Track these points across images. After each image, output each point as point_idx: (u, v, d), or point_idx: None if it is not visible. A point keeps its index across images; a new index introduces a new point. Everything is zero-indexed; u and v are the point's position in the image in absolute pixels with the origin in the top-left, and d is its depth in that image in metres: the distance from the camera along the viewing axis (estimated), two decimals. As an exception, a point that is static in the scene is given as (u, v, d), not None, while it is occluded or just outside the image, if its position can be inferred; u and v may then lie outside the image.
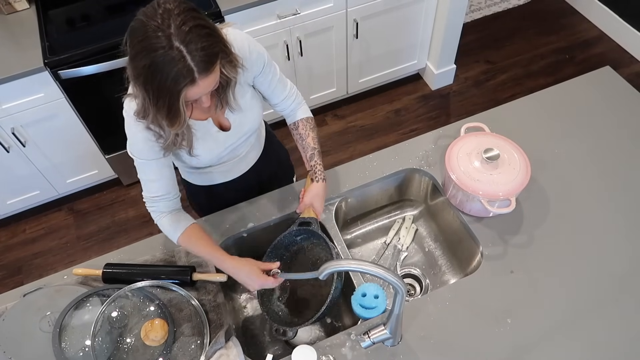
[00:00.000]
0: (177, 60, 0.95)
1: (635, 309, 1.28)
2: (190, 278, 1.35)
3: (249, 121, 1.33)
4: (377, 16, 2.49)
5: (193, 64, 0.96)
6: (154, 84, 0.99)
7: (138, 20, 0.97)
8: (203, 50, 0.97)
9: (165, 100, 1.01)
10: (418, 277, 1.59)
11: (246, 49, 1.21)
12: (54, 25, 2.15)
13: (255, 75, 1.28)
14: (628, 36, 3.07)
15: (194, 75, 0.98)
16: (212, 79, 1.03)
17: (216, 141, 1.30)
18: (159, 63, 0.95)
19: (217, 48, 1.01)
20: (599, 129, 1.63)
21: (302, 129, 1.40)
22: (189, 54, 0.96)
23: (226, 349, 1.25)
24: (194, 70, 0.97)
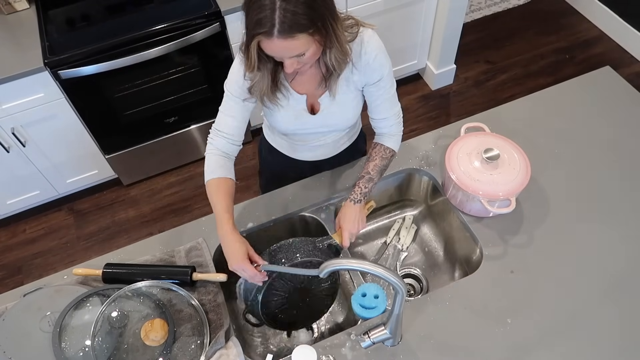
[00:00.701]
0: (266, 9, 0.99)
1: (635, 309, 1.28)
2: (190, 278, 1.35)
3: (338, 118, 1.36)
4: (377, 16, 2.49)
5: (277, 20, 0.99)
6: (246, 19, 1.05)
7: None
8: (293, 14, 0.99)
9: (247, 38, 1.07)
10: (418, 277, 1.59)
11: (372, 55, 1.23)
12: (54, 25, 2.15)
13: (367, 83, 1.29)
14: (628, 36, 3.07)
15: (272, 30, 1.00)
16: (293, 45, 1.04)
17: (298, 117, 1.33)
18: (254, 3, 1.01)
19: (309, 19, 1.02)
20: (599, 129, 1.63)
21: (375, 152, 1.40)
22: (279, 8, 0.98)
23: (226, 349, 1.25)
24: (275, 26, 1.00)
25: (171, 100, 2.40)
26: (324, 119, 1.35)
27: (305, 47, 1.06)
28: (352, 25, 1.21)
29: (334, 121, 1.37)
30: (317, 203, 1.53)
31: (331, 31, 1.08)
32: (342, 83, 1.27)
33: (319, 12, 1.04)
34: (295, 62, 1.10)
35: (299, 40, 1.03)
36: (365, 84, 1.30)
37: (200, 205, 2.64)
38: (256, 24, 1.01)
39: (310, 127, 1.37)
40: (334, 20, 1.09)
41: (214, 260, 1.44)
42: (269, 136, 1.59)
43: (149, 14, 2.17)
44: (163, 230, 1.52)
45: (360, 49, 1.22)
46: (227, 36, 2.22)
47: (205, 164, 1.30)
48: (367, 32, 1.23)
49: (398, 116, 1.40)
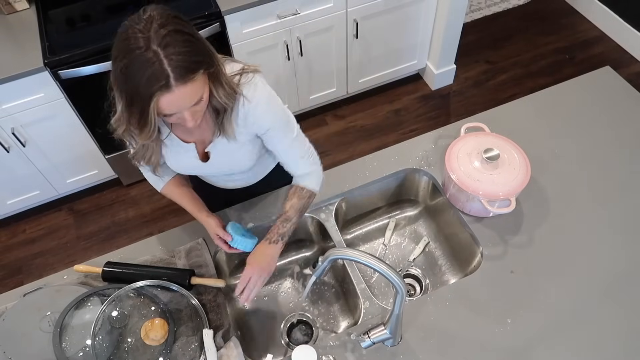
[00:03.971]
0: (153, 62, 0.91)
1: (635, 309, 1.28)
2: (188, 282, 1.35)
3: (231, 164, 1.30)
4: (377, 16, 2.49)
5: (169, 69, 0.92)
6: (129, 85, 0.95)
7: (123, 25, 0.96)
8: (181, 55, 0.92)
9: (138, 104, 0.97)
10: (418, 277, 1.59)
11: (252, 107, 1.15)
12: (54, 25, 2.15)
13: (257, 133, 1.23)
14: (628, 36, 3.07)
15: (169, 81, 0.93)
16: (191, 89, 0.97)
17: (191, 164, 1.28)
18: (134, 64, 0.92)
19: (198, 57, 0.96)
20: (599, 129, 1.63)
21: (292, 192, 1.32)
22: (166, 57, 0.91)
23: (226, 349, 1.25)
24: (170, 76, 0.92)
25: (171, 100, 2.40)
26: (216, 166, 1.29)
27: (203, 87, 1.00)
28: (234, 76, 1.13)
29: (226, 168, 1.31)
30: (317, 203, 1.53)
31: (217, 64, 1.03)
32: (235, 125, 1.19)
33: (203, 47, 0.99)
34: (195, 111, 1.03)
35: (197, 82, 0.97)
36: (257, 134, 1.23)
37: (200, 205, 2.64)
38: (148, 83, 0.92)
39: (208, 172, 1.33)
40: (214, 53, 1.04)
41: (213, 260, 1.44)
42: None
43: (149, 14, 2.17)
44: (163, 230, 1.52)
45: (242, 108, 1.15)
46: (227, 36, 2.22)
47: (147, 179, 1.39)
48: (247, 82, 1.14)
49: (308, 156, 1.31)
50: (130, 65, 0.93)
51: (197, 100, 1.01)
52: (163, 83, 0.93)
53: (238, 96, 1.13)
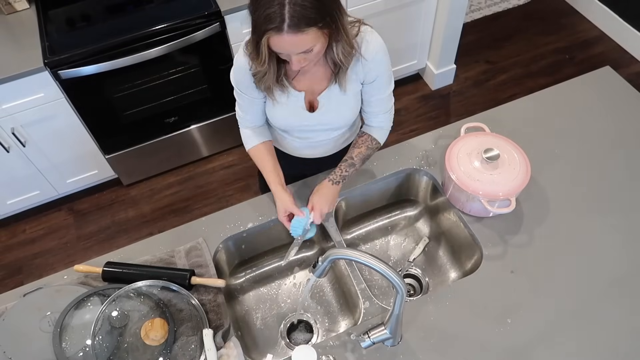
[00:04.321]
0: (275, 4, 0.99)
1: (635, 309, 1.28)
2: (188, 282, 1.35)
3: (335, 117, 1.36)
4: (377, 16, 2.49)
5: (287, 15, 0.99)
6: (254, 15, 1.05)
7: None
8: (303, 7, 0.99)
9: (255, 34, 1.07)
10: (418, 277, 1.59)
11: (372, 53, 1.23)
12: (54, 25, 2.15)
13: (365, 81, 1.30)
14: (628, 36, 3.07)
15: (282, 25, 1.00)
16: (302, 40, 1.04)
17: (295, 114, 1.34)
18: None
19: (319, 14, 1.02)
20: (599, 129, 1.63)
21: (362, 140, 1.41)
22: (289, 4, 0.99)
23: (226, 349, 1.25)
24: (284, 21, 1.00)
25: (171, 100, 2.40)
26: (322, 116, 1.35)
27: (314, 42, 1.06)
28: (354, 22, 1.22)
29: (331, 119, 1.37)
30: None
31: (339, 24, 1.10)
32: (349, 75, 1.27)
33: (327, 5, 1.05)
34: (303, 59, 1.10)
35: (308, 35, 1.04)
36: (363, 82, 1.30)
37: (200, 205, 2.64)
38: (265, 20, 1.01)
39: (308, 124, 1.37)
40: (341, 13, 1.10)
41: (213, 260, 1.44)
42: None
43: (149, 14, 2.17)
44: (163, 230, 1.52)
45: (361, 47, 1.22)
46: (227, 36, 2.22)
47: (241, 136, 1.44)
48: (368, 30, 1.24)
49: (390, 112, 1.40)
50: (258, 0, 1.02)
51: (306, 50, 1.08)
52: (276, 25, 1.01)
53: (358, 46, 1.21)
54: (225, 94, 2.49)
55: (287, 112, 1.34)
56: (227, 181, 2.71)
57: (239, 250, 1.55)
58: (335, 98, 1.31)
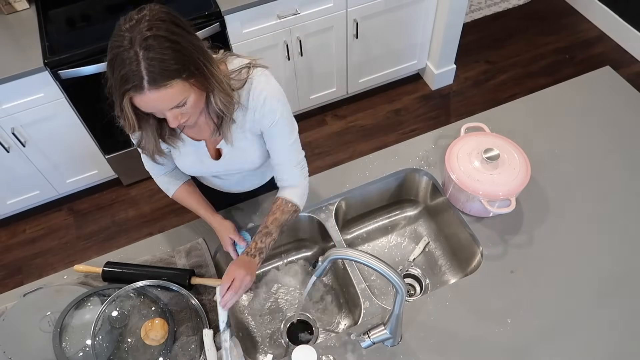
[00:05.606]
0: (131, 62, 0.93)
1: (635, 309, 1.28)
2: (188, 282, 1.35)
3: (242, 162, 1.29)
4: (377, 16, 2.49)
5: (145, 72, 0.93)
6: (112, 78, 0.98)
7: (119, 19, 0.99)
8: (160, 61, 0.93)
9: (116, 97, 1.01)
10: (418, 277, 1.59)
11: (260, 100, 1.15)
12: (54, 25, 2.15)
13: (261, 129, 1.22)
14: (628, 36, 3.07)
15: (142, 83, 0.94)
16: (168, 95, 0.97)
17: (202, 163, 1.29)
18: (116, 60, 0.95)
19: (178, 65, 0.95)
20: (599, 129, 1.63)
21: (276, 206, 1.29)
22: (144, 60, 0.92)
23: (226, 349, 1.25)
24: (143, 79, 0.93)
25: (171, 100, 2.40)
26: (228, 164, 1.29)
27: (182, 94, 0.99)
28: (241, 69, 1.14)
29: (238, 165, 1.30)
30: (317, 203, 1.53)
31: (207, 73, 1.02)
32: (238, 130, 1.20)
33: (188, 54, 0.97)
34: (178, 114, 1.03)
35: (173, 88, 0.96)
36: (260, 130, 1.22)
37: (200, 205, 2.64)
38: (123, 81, 0.95)
39: (218, 171, 1.32)
40: (209, 62, 1.03)
41: (213, 260, 1.44)
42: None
43: (149, 14, 2.17)
44: (163, 230, 1.52)
45: (249, 94, 1.15)
46: (227, 36, 2.22)
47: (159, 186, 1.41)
48: (258, 74, 1.15)
49: (301, 167, 1.30)
50: (113, 59, 0.96)
51: (178, 104, 1.01)
52: (136, 84, 0.94)
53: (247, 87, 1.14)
54: (225, 94, 2.49)
55: (193, 161, 1.28)
56: (227, 181, 2.71)
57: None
58: (236, 145, 1.23)
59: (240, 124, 1.20)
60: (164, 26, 0.95)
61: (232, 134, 1.20)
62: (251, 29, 2.25)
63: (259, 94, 1.15)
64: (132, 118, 1.03)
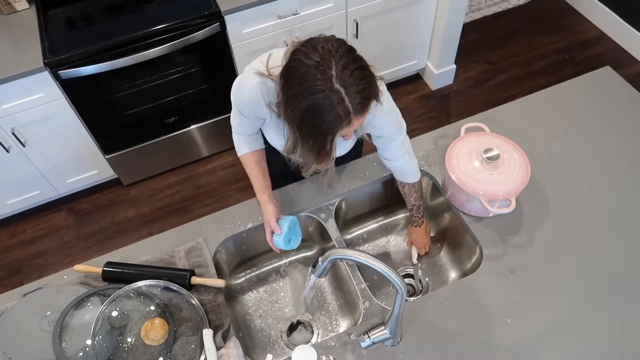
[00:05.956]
0: (337, 104, 0.97)
1: (635, 309, 1.28)
2: (188, 282, 1.35)
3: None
4: (377, 16, 2.49)
5: (351, 106, 0.99)
6: (309, 124, 1.01)
7: (297, 60, 1.01)
8: (362, 93, 0.99)
9: (318, 140, 1.05)
10: (418, 277, 1.59)
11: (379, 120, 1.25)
12: (54, 25, 2.15)
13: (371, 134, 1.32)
14: (628, 36, 3.07)
15: (350, 117, 1.00)
16: (365, 117, 1.05)
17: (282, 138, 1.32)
18: (318, 105, 0.98)
19: (373, 90, 1.03)
20: (599, 129, 1.63)
21: (407, 189, 1.47)
22: (348, 96, 0.98)
23: (226, 349, 1.25)
24: (350, 112, 0.99)
25: (171, 100, 2.40)
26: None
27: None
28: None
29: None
30: (317, 203, 1.53)
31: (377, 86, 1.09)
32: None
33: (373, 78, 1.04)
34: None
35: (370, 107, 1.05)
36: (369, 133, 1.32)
37: (200, 205, 2.64)
38: (333, 121, 1.00)
39: None
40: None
41: (213, 260, 1.44)
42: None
43: (149, 14, 2.17)
44: (163, 230, 1.52)
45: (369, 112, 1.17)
46: (227, 36, 2.22)
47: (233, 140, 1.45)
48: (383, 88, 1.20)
49: (409, 153, 1.41)
50: (313, 105, 0.98)
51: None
52: (346, 122, 1.01)
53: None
54: (225, 94, 2.48)
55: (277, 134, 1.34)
56: (227, 181, 2.71)
57: (239, 250, 1.55)
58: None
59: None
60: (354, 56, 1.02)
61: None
62: (251, 29, 2.25)
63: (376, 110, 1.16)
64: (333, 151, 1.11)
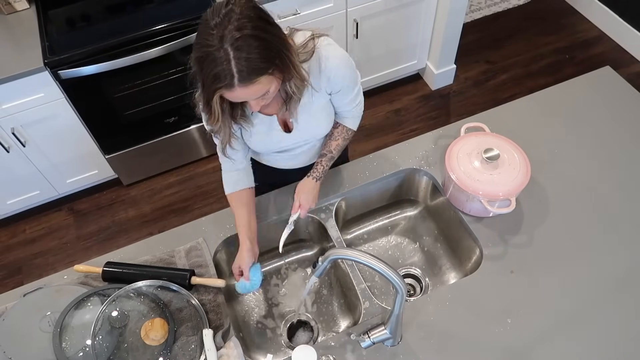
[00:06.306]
0: (221, 62, 0.97)
1: (635, 309, 1.28)
2: (188, 282, 1.35)
3: (313, 130, 1.36)
4: (377, 16, 2.49)
5: (235, 70, 0.98)
6: (200, 75, 1.03)
7: (205, 14, 1.01)
8: (249, 61, 0.98)
9: (205, 93, 1.06)
10: (418, 277, 1.59)
11: (332, 71, 1.22)
12: (54, 25, 2.15)
13: (331, 92, 1.30)
14: (628, 36, 3.07)
15: (232, 82, 0.99)
16: (255, 89, 1.03)
17: (272, 138, 1.34)
18: (205, 58, 0.99)
19: (267, 62, 1.01)
20: (599, 129, 1.63)
21: (338, 132, 1.43)
22: (234, 59, 0.97)
23: (226, 349, 1.25)
24: (234, 77, 0.99)
25: (171, 100, 2.40)
26: (299, 135, 1.35)
27: (267, 86, 1.05)
28: (306, 42, 1.19)
29: (309, 135, 1.37)
30: (317, 203, 1.53)
31: (289, 63, 1.08)
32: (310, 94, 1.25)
33: (274, 49, 1.02)
34: (260, 100, 1.10)
35: (260, 83, 1.02)
36: (330, 93, 1.30)
37: (200, 205, 2.64)
38: (214, 79, 1.00)
39: (288, 144, 1.37)
40: (289, 51, 1.08)
41: (214, 260, 1.44)
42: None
43: (149, 14, 2.17)
44: (163, 230, 1.52)
45: (319, 65, 1.21)
46: (227, 36, 2.22)
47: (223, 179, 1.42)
48: (324, 43, 1.21)
49: (359, 104, 1.41)
50: (203, 58, 0.99)
51: (262, 95, 1.07)
52: (226, 82, 1.00)
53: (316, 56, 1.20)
54: (225, 94, 2.49)
55: (264, 137, 1.33)
56: (227, 181, 2.71)
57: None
58: (305, 116, 1.30)
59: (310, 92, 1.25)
60: (251, 24, 0.98)
61: (297, 112, 1.26)
62: (251, 29, 2.25)
63: (331, 63, 1.21)
64: (218, 111, 1.10)
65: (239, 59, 0.97)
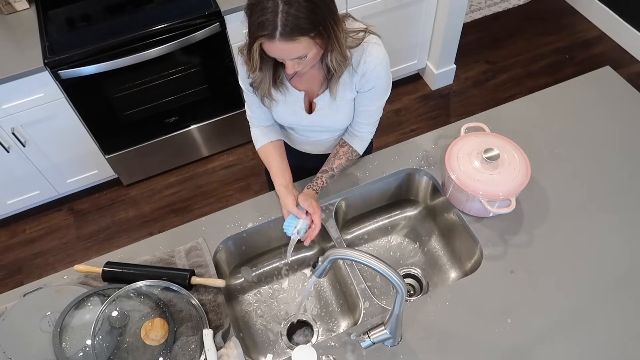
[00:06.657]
0: (269, 12, 1.01)
1: (635, 309, 1.28)
2: (188, 282, 1.35)
3: (331, 120, 1.37)
4: (377, 16, 2.49)
5: (280, 24, 1.01)
6: (249, 21, 1.07)
7: None
8: (295, 17, 1.01)
9: (248, 39, 1.10)
10: (418, 277, 1.59)
11: (370, 65, 1.24)
12: (54, 25, 2.15)
13: (360, 90, 1.30)
14: (628, 36, 3.07)
15: (274, 33, 1.02)
16: (294, 48, 1.06)
17: (294, 114, 1.36)
18: (256, 5, 1.03)
19: (311, 24, 1.03)
20: (599, 129, 1.63)
21: (343, 152, 1.44)
22: (282, 12, 1.00)
23: (226, 349, 1.25)
24: (277, 29, 1.01)
25: (171, 100, 2.40)
26: (318, 119, 1.36)
27: (306, 49, 1.08)
28: (358, 31, 1.22)
29: (327, 122, 1.39)
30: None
31: (332, 34, 1.10)
32: (340, 86, 1.28)
33: (321, 15, 1.05)
34: (297, 63, 1.13)
35: (300, 44, 1.05)
36: (358, 90, 1.31)
37: (200, 205, 2.64)
38: (259, 27, 1.03)
39: (306, 124, 1.39)
40: (336, 24, 1.10)
41: (214, 260, 1.44)
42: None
43: (149, 14, 2.17)
44: (163, 230, 1.52)
45: (361, 57, 1.23)
46: (227, 36, 2.22)
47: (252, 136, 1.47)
48: (372, 42, 1.23)
49: (374, 125, 1.43)
50: (253, 5, 1.04)
51: (300, 57, 1.09)
52: (268, 33, 1.03)
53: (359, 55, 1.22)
54: (225, 94, 2.49)
55: (287, 111, 1.36)
56: (227, 181, 2.71)
57: (239, 250, 1.55)
58: (329, 103, 1.32)
59: (343, 82, 1.27)
60: None
61: (337, 90, 1.28)
62: (251, 29, 2.25)
63: (372, 60, 1.23)
64: (257, 60, 1.12)
65: (286, 13, 1.00)
